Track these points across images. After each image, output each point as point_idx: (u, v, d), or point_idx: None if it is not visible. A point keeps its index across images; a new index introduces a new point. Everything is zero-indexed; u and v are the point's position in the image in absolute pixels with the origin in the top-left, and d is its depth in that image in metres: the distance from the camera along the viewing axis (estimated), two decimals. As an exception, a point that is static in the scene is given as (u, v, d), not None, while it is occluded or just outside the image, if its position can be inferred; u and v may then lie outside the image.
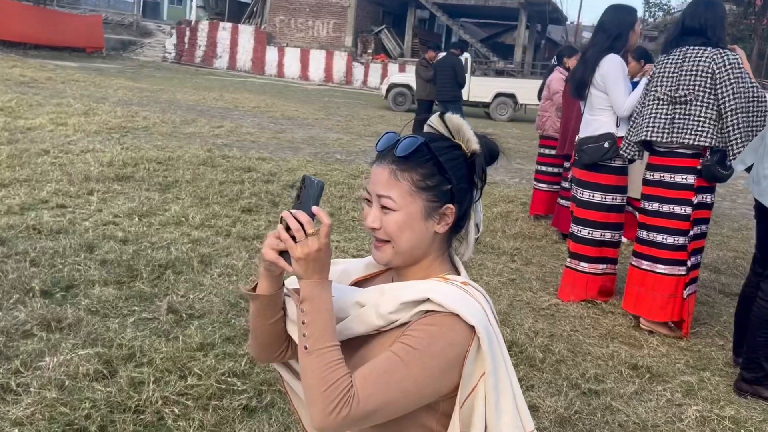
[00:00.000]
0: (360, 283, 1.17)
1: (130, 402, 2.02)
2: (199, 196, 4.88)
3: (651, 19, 27.29)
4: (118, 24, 24.58)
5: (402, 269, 1.09)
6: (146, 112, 9.38)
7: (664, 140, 3.04)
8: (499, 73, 19.98)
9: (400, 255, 1.04)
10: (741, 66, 2.89)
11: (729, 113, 2.80)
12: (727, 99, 2.80)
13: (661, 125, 3.03)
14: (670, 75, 3.02)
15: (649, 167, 3.23)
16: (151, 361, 2.31)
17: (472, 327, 0.95)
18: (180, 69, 21.85)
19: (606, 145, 3.33)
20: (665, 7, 28.17)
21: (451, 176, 1.02)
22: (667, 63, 3.07)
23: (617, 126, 3.40)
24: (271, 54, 24.12)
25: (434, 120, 1.10)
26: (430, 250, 1.06)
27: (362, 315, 1.02)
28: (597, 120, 3.41)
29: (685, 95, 2.93)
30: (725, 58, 2.85)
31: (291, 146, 8.37)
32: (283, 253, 0.96)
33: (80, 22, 20.19)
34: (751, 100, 2.87)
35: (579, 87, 3.47)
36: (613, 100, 3.33)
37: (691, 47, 2.96)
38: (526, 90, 15.34)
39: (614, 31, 3.35)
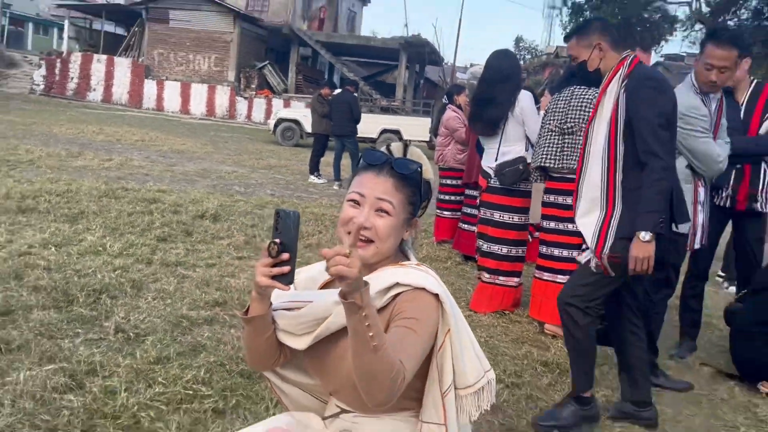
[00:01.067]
0: (326, 286, 1.35)
1: (107, 408, 2.16)
2: (110, 226, 4.94)
3: (521, 62, 32.06)
4: (-23, 55, 25.87)
5: (372, 266, 1.28)
6: (26, 145, 9.20)
7: (555, 166, 3.52)
8: (384, 110, 21.06)
9: (379, 255, 1.25)
10: None
11: None
12: None
13: (553, 153, 3.50)
14: (560, 110, 3.51)
15: (547, 191, 3.72)
16: (114, 373, 2.44)
17: (437, 295, 1.21)
18: (51, 101, 21.54)
19: (521, 167, 3.82)
20: (533, 50, 32.93)
21: (423, 197, 1.32)
22: (558, 100, 3.58)
23: (526, 150, 3.97)
24: (150, 87, 24.40)
25: (395, 147, 1.37)
26: (393, 251, 1.29)
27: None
28: (512, 149, 3.86)
29: (572, 127, 3.41)
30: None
31: (186, 179, 8.49)
32: (275, 278, 1.11)
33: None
34: None
35: (495, 124, 3.87)
36: (532, 130, 3.79)
37: (577, 87, 3.48)
38: (409, 126, 16.73)
39: (517, 72, 3.94)
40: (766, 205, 3.41)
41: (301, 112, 16.95)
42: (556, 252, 3.64)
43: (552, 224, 3.67)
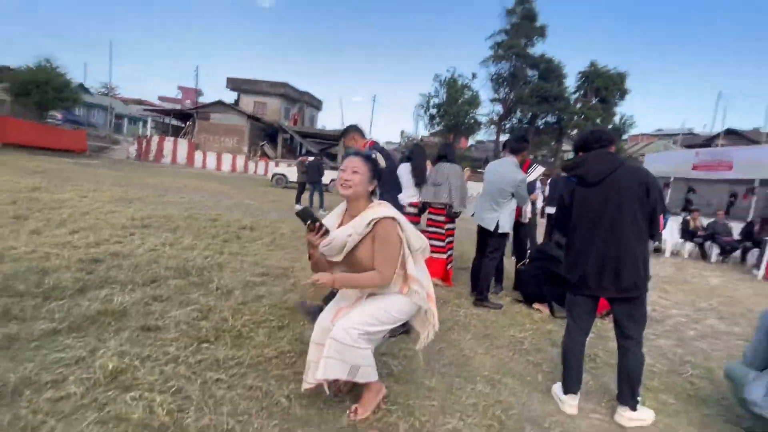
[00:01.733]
0: (340, 224, 2.07)
1: (224, 326, 3.04)
2: (195, 234, 5.57)
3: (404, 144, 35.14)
4: (96, 136, 27.76)
5: (353, 201, 1.99)
6: (134, 190, 9.53)
7: (433, 201, 4.57)
8: (332, 167, 23.22)
9: (356, 192, 1.97)
10: (462, 173, 4.60)
11: (454, 189, 4.45)
12: (453, 182, 4.45)
13: (432, 194, 4.56)
14: (435, 174, 4.58)
15: (429, 214, 4.68)
16: (222, 310, 4.04)
17: (394, 218, 1.95)
18: (140, 165, 23.17)
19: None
20: (407, 137, 36.20)
21: (377, 172, 2.03)
22: (434, 171, 4.61)
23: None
24: (198, 155, 28.93)
25: (377, 154, 2.09)
26: (365, 195, 2.01)
27: (353, 238, 1.93)
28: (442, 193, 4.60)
29: (440, 181, 4.50)
30: (457, 168, 4.56)
31: (228, 207, 8.84)
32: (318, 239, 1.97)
33: (70, 134, 22.97)
34: (464, 187, 4.55)
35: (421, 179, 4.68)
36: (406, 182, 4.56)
37: (443, 163, 4.57)
38: None
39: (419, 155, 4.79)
40: (525, 217, 4.76)
41: (286, 169, 20.06)
42: (434, 243, 4.58)
43: (431, 229, 4.66)
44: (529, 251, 4.78)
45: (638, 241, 2.31)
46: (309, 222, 1.94)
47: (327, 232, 1.98)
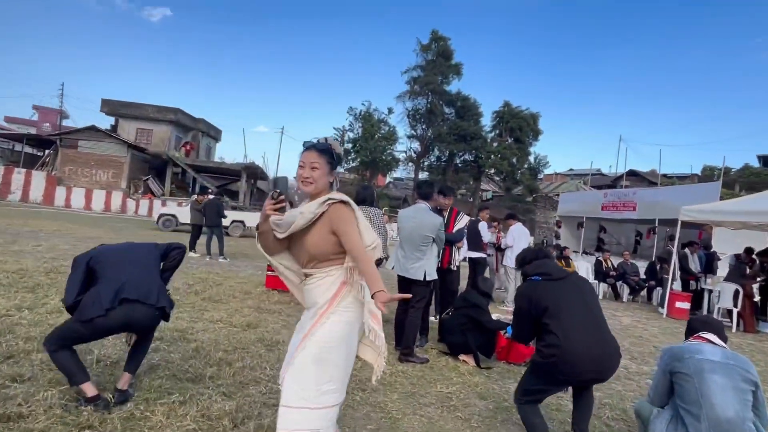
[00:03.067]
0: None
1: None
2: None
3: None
4: None
5: (314, 197, 2.08)
6: None
7: None
8: (234, 207, 23.67)
9: (316, 189, 2.08)
10: (382, 216, 4.80)
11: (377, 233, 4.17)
12: (375, 226, 4.50)
13: None
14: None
15: None
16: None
17: (348, 202, 2.04)
18: None
19: None
20: None
21: (335, 161, 2.14)
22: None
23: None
24: (60, 191, 26.59)
25: (329, 140, 2.19)
26: (326, 188, 2.12)
27: (303, 216, 2.00)
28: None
29: None
30: (377, 211, 4.75)
31: None
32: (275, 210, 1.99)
33: None
34: (385, 231, 4.70)
35: None
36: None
37: (363, 207, 4.69)
38: (250, 218, 20.65)
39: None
40: (453, 265, 5.20)
41: (176, 209, 19.54)
42: None
43: None
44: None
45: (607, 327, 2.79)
46: (277, 192, 2.05)
47: (283, 209, 2.08)
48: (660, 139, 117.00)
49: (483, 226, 8.13)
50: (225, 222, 14.03)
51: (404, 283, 4.48)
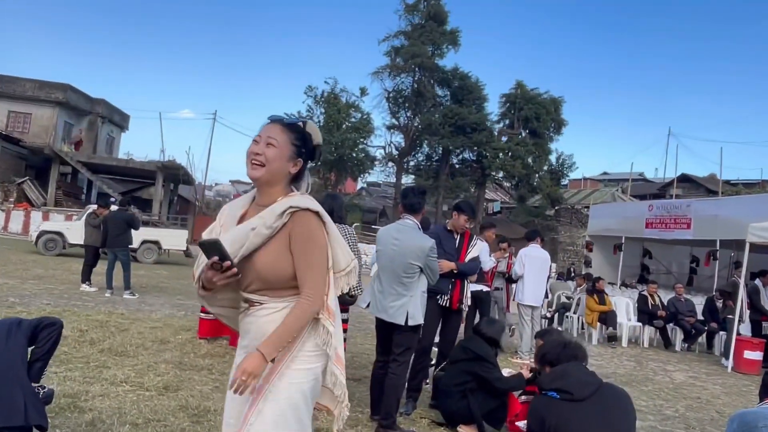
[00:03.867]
0: (241, 219, 2.17)
1: None
2: None
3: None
4: None
5: (262, 187, 2.13)
6: None
7: None
8: (144, 223, 22.61)
9: (269, 174, 2.08)
10: (354, 235, 5.07)
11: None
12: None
13: None
14: None
15: None
16: None
17: (317, 212, 2.08)
18: None
19: None
20: None
21: (306, 147, 2.18)
22: None
23: None
24: None
25: (306, 123, 2.25)
26: (282, 180, 2.14)
27: (258, 233, 2.03)
28: None
29: None
30: (347, 230, 4.94)
31: None
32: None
33: None
34: (358, 256, 4.68)
35: None
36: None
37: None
38: (168, 237, 20.84)
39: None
40: (466, 307, 5.45)
41: (64, 224, 19.57)
42: None
43: None
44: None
45: None
46: (217, 258, 2.00)
47: (237, 273, 2.05)
48: (720, 134, 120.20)
49: (484, 250, 8.27)
50: (134, 242, 13.81)
51: (384, 330, 4.55)
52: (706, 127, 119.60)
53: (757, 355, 9.20)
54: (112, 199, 13.46)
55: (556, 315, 12.49)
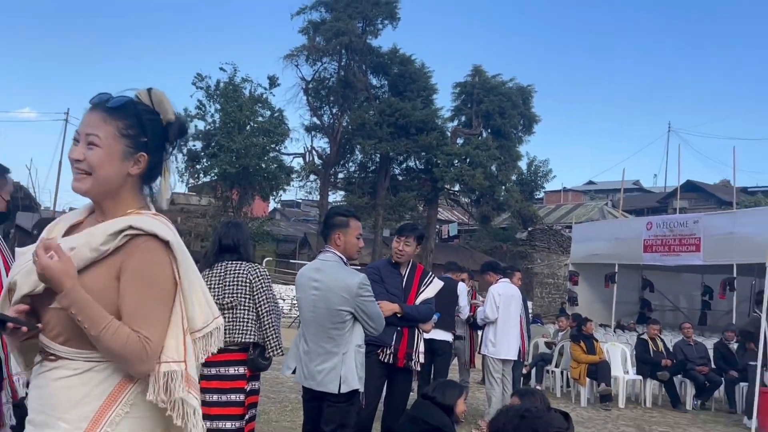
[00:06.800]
0: (71, 231, 2.11)
1: None
2: None
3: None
4: None
5: (101, 202, 2.07)
6: None
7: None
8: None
9: (99, 185, 2.00)
10: (268, 277, 5.11)
11: (265, 315, 4.95)
12: (262, 303, 4.94)
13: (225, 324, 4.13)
14: (216, 287, 4.91)
15: (206, 364, 4.08)
16: None
17: (168, 242, 1.98)
18: None
19: None
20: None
21: (148, 132, 2.04)
22: (211, 276, 4.97)
23: None
24: None
25: (141, 93, 2.12)
26: (124, 187, 2.05)
27: (77, 254, 1.92)
28: None
29: (231, 302, 4.89)
30: (257, 270, 5.03)
31: None
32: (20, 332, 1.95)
33: None
34: (275, 303, 5.07)
35: None
36: None
37: (230, 262, 5.03)
38: None
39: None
40: (417, 364, 5.60)
41: None
42: (221, 424, 4.89)
43: (215, 397, 4.93)
44: None
45: None
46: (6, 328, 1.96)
47: (35, 327, 1.99)
48: (732, 130, 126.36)
49: (462, 289, 8.35)
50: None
51: (311, 399, 4.67)
52: (713, 121, 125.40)
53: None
54: None
55: (534, 369, 12.65)
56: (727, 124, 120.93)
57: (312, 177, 38.18)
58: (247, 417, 4.95)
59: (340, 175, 38.49)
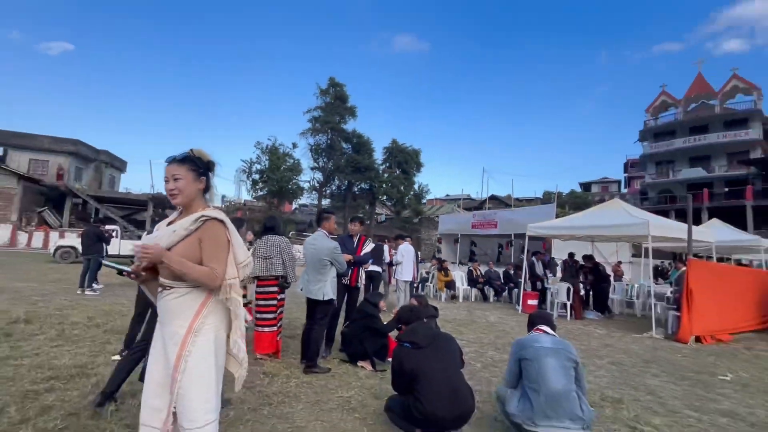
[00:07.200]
0: (171, 223, 1.94)
1: None
2: None
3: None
4: None
5: (187, 207, 1.91)
6: None
7: (264, 274, 4.49)
8: (139, 237, 22.17)
9: (186, 198, 1.88)
10: (289, 243, 4.57)
11: (287, 261, 4.45)
12: (285, 256, 4.45)
13: (263, 268, 4.49)
14: (262, 247, 4.50)
15: (258, 285, 4.57)
16: None
17: (223, 221, 1.85)
18: None
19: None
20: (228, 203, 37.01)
21: (201, 166, 1.91)
22: (261, 242, 4.54)
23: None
24: None
25: (193, 150, 1.93)
26: (198, 197, 1.91)
27: (178, 233, 1.82)
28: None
29: (270, 254, 4.47)
30: (284, 240, 4.56)
31: None
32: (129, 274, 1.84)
33: None
34: (293, 256, 4.55)
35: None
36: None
37: (270, 236, 4.54)
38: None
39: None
40: (360, 283, 5.25)
41: (76, 240, 16.83)
42: (262, 315, 4.55)
43: (262, 302, 4.56)
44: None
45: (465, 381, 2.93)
46: (131, 274, 1.91)
47: (139, 275, 1.91)
48: (513, 170, 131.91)
49: (386, 248, 8.35)
50: (125, 249, 12.76)
51: (310, 303, 4.43)
52: (504, 167, 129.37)
53: (534, 302, 9.90)
54: (110, 219, 11.73)
55: (420, 285, 12.81)
56: (511, 166, 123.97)
57: (313, 192, 37.21)
58: (278, 311, 4.69)
59: (327, 191, 37.75)
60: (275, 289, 4.61)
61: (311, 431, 2.95)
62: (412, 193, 38.87)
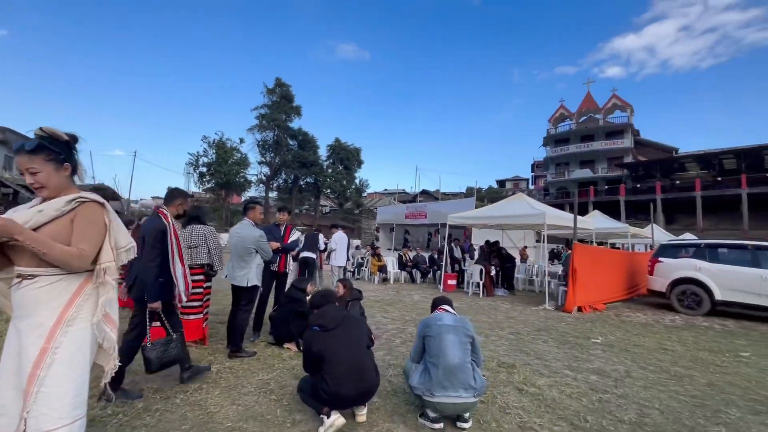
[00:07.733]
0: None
1: None
2: None
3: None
4: None
5: (54, 195, 1.62)
6: None
7: (189, 263, 3.92)
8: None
9: (52, 191, 1.61)
10: (215, 232, 4.28)
11: (212, 250, 4.16)
12: (210, 245, 4.15)
13: (189, 257, 4.07)
14: (187, 237, 4.14)
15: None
16: None
17: (102, 203, 1.63)
18: None
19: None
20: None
21: (60, 151, 1.60)
22: (185, 232, 4.13)
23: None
24: None
25: (37, 131, 1.59)
26: (67, 184, 1.65)
27: (45, 213, 1.53)
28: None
29: (195, 243, 4.12)
30: (208, 228, 4.22)
31: None
32: None
33: None
34: (219, 244, 4.24)
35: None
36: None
37: (195, 225, 4.17)
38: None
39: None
40: (288, 269, 4.85)
41: None
42: (190, 304, 4.07)
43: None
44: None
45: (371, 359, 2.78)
46: None
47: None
48: (441, 168, 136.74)
49: (321, 236, 8.11)
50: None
51: (235, 290, 4.14)
52: (434, 165, 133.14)
53: (453, 282, 10.17)
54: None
55: (356, 269, 12.69)
56: (439, 165, 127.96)
57: (261, 185, 35.90)
58: (204, 299, 4.37)
59: (274, 185, 36.47)
60: (201, 277, 4.30)
61: (223, 416, 2.67)
62: (353, 187, 38.72)
